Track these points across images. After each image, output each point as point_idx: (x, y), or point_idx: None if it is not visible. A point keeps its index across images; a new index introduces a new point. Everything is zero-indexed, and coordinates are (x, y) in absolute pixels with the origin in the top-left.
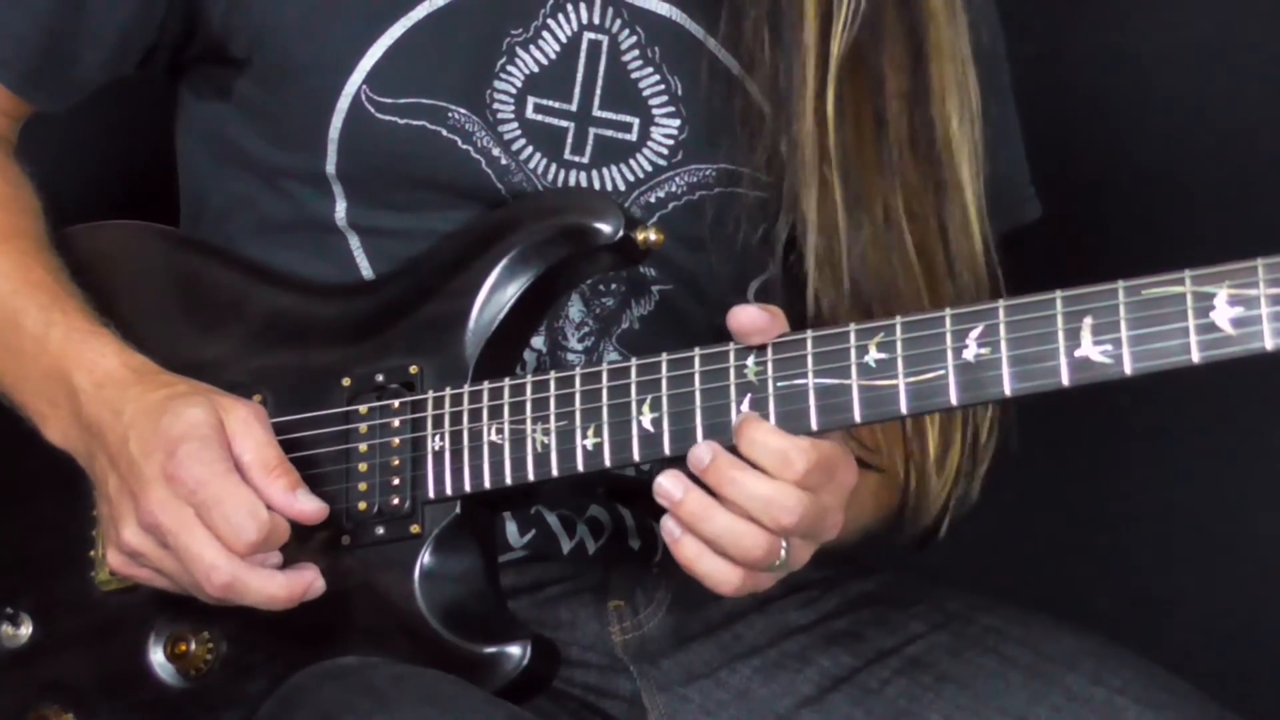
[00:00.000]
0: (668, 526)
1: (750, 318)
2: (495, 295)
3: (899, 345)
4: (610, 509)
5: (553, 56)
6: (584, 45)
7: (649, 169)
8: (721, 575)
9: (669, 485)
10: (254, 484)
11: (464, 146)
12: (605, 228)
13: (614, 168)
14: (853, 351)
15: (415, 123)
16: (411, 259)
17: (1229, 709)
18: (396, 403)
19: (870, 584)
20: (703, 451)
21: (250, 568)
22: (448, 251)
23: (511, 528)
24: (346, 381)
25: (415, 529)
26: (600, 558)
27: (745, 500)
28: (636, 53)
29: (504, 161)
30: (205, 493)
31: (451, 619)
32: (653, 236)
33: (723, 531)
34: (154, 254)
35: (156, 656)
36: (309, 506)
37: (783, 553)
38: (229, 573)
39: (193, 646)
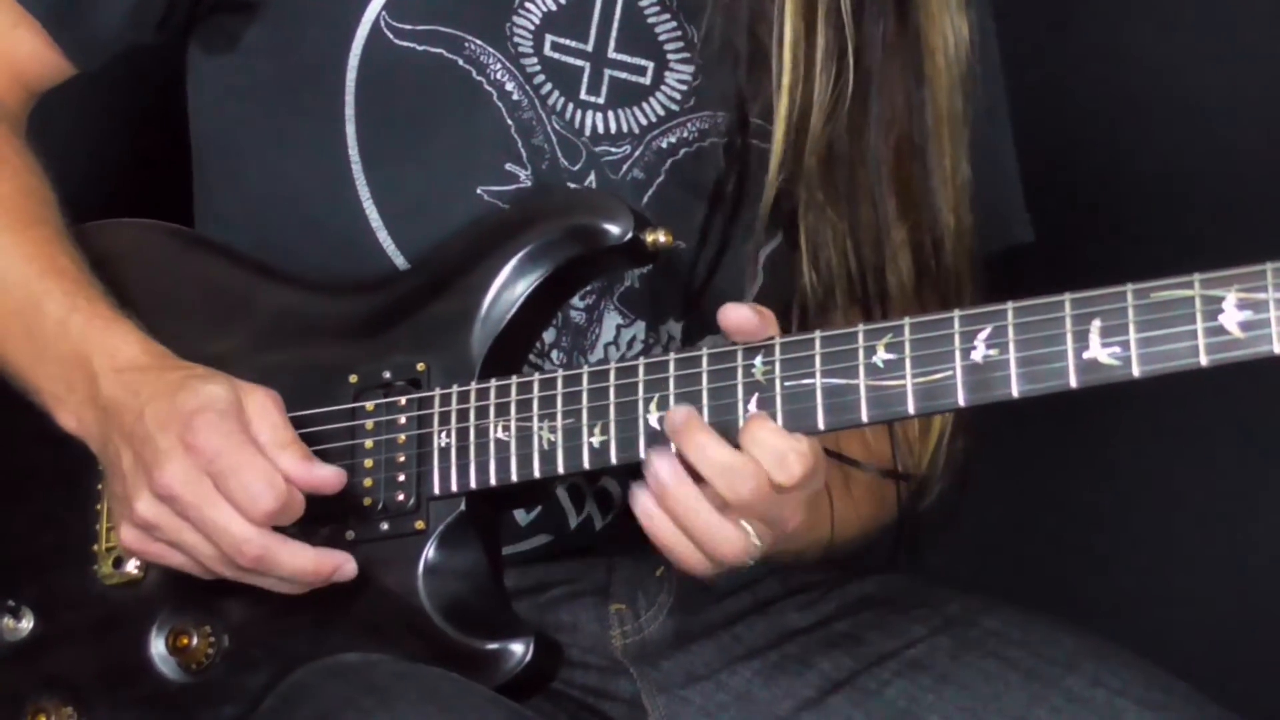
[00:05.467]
0: (644, 505)
1: (739, 318)
2: (504, 294)
3: (907, 346)
4: (621, 480)
5: None
6: None
7: (661, 113)
8: (692, 561)
9: (664, 471)
10: (269, 459)
11: (478, 78)
12: (614, 229)
13: (628, 110)
14: (860, 352)
15: (433, 50)
16: (420, 258)
17: (1229, 709)
18: (403, 400)
19: (870, 586)
20: (679, 414)
21: (281, 540)
22: (456, 249)
23: None
24: (353, 378)
25: (420, 525)
26: (607, 534)
27: (705, 466)
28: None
29: (515, 97)
30: (222, 462)
31: (454, 615)
32: (662, 238)
33: (703, 529)
34: (162, 251)
35: (158, 650)
36: (326, 473)
37: (755, 539)
38: (260, 545)
39: (194, 640)
